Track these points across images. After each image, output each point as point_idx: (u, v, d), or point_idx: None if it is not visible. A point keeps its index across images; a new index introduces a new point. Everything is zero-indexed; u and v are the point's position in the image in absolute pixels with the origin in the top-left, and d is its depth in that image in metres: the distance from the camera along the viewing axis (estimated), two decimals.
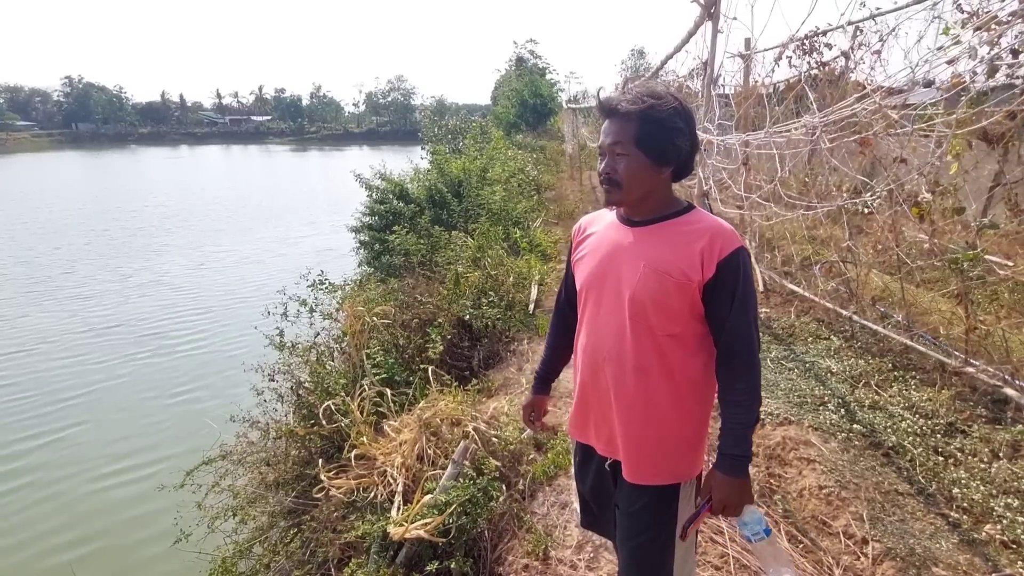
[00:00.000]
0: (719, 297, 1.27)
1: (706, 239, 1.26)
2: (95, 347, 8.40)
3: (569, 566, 2.18)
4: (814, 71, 4.35)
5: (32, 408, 6.61)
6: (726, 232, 1.28)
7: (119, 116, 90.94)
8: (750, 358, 1.28)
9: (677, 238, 1.29)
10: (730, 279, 1.25)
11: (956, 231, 3.76)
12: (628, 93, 1.32)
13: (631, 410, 1.36)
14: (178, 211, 20.08)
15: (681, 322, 1.30)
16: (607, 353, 1.36)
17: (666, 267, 1.27)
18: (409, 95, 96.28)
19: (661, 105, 1.27)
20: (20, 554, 4.54)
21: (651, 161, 1.28)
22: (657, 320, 1.29)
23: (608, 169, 1.31)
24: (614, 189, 1.32)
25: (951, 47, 2.76)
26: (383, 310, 4.64)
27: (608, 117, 1.32)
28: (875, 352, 3.54)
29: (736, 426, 1.28)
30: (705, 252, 1.25)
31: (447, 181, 8.10)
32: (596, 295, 1.39)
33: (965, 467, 2.46)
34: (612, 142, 1.30)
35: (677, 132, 1.28)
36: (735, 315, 1.27)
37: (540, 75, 29.23)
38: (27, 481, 5.38)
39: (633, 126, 1.27)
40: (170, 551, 3.57)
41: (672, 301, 1.28)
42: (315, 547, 3.05)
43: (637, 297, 1.29)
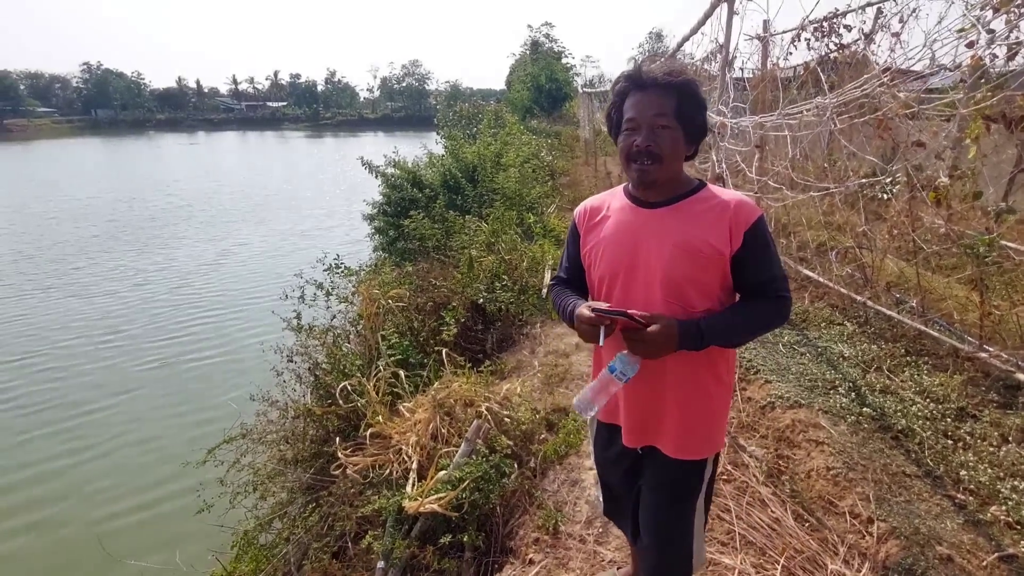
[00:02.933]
0: (751, 264, 1.30)
1: (730, 211, 1.28)
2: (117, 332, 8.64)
3: (578, 540, 2.25)
4: (833, 54, 4.28)
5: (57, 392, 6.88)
6: (746, 202, 1.31)
7: (137, 102, 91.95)
8: (785, 306, 1.33)
9: (702, 215, 1.30)
10: (759, 245, 1.29)
11: (976, 217, 3.72)
12: (658, 67, 1.30)
13: (681, 389, 1.37)
14: (196, 199, 20.21)
15: (714, 297, 1.32)
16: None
17: (697, 244, 1.27)
18: (424, 80, 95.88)
19: (695, 83, 1.29)
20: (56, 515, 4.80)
21: (685, 136, 1.29)
22: (696, 297, 1.30)
23: (648, 142, 1.27)
24: (653, 165, 1.28)
25: (971, 29, 2.72)
26: (398, 293, 4.71)
27: (642, 89, 1.29)
28: (888, 338, 3.53)
29: (724, 321, 1.29)
30: (732, 224, 1.27)
31: (461, 167, 8.13)
32: (623, 282, 1.37)
33: (974, 450, 2.48)
34: (656, 113, 1.26)
35: (705, 111, 1.31)
36: (770, 270, 1.31)
37: (556, 59, 28.93)
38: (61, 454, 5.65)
39: (674, 99, 1.26)
40: (194, 525, 3.72)
41: (707, 276, 1.29)
42: (333, 521, 3.15)
43: (671, 277, 1.29)
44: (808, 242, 4.75)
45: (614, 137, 1.39)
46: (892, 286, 4.03)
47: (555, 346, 4.05)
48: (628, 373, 1.30)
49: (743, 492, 2.37)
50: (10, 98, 78.62)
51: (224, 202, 19.61)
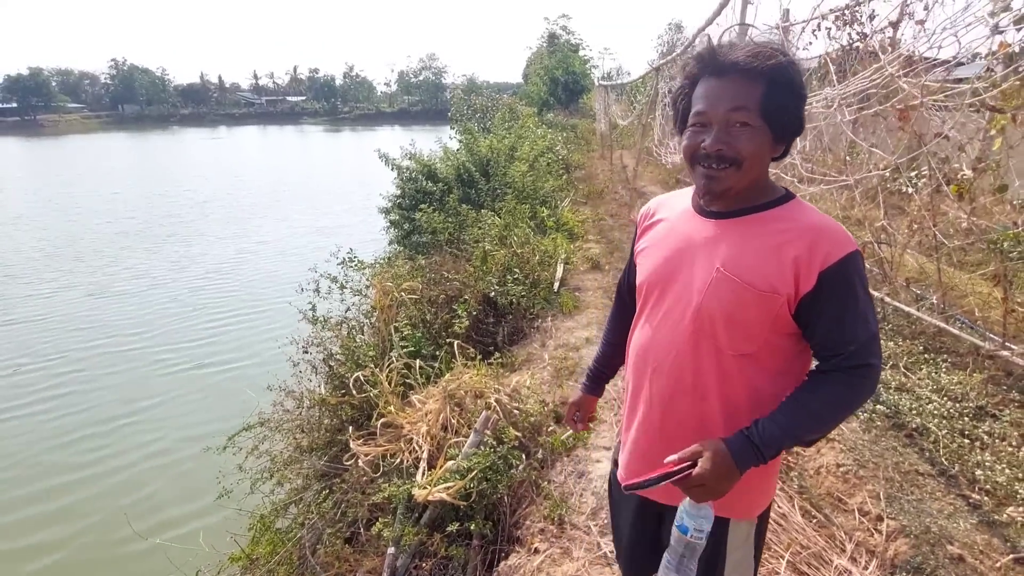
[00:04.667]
0: (825, 313, 1.00)
1: (804, 243, 0.99)
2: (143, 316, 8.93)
3: (583, 531, 2.26)
4: (856, 43, 4.18)
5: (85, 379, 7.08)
6: (831, 233, 0.99)
7: (162, 98, 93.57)
8: (865, 376, 1.01)
9: (765, 238, 1.02)
10: (839, 292, 0.98)
11: (1002, 211, 3.62)
12: (744, 46, 1.02)
13: (678, 433, 1.13)
14: (217, 195, 20.38)
15: (758, 341, 1.05)
16: (656, 366, 1.15)
17: (747, 274, 1.01)
18: (440, 74, 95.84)
19: (794, 65, 1.00)
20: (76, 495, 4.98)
21: (774, 135, 1.01)
22: (727, 338, 1.05)
23: (720, 144, 1.00)
24: (726, 171, 1.01)
25: (1002, 14, 2.63)
26: (411, 286, 4.75)
27: (718, 76, 1.01)
28: (906, 334, 3.46)
29: (783, 425, 1.00)
30: (801, 260, 0.98)
31: (475, 160, 8.14)
32: (657, 297, 1.15)
33: (992, 450, 2.43)
34: (732, 108, 0.99)
35: (803, 100, 1.03)
36: (851, 329, 0.99)
37: (573, 51, 28.67)
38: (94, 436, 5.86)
39: (759, 89, 0.98)
40: (215, 509, 3.83)
41: (749, 316, 1.02)
42: (346, 507, 3.22)
43: (705, 308, 1.05)
44: None
45: (679, 132, 1.11)
46: (912, 282, 3.95)
47: (565, 339, 4.05)
48: (704, 526, 1.04)
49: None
50: (42, 94, 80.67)
51: (244, 197, 19.80)
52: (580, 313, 4.52)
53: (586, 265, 5.69)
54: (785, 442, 1.02)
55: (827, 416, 1.03)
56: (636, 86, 13.79)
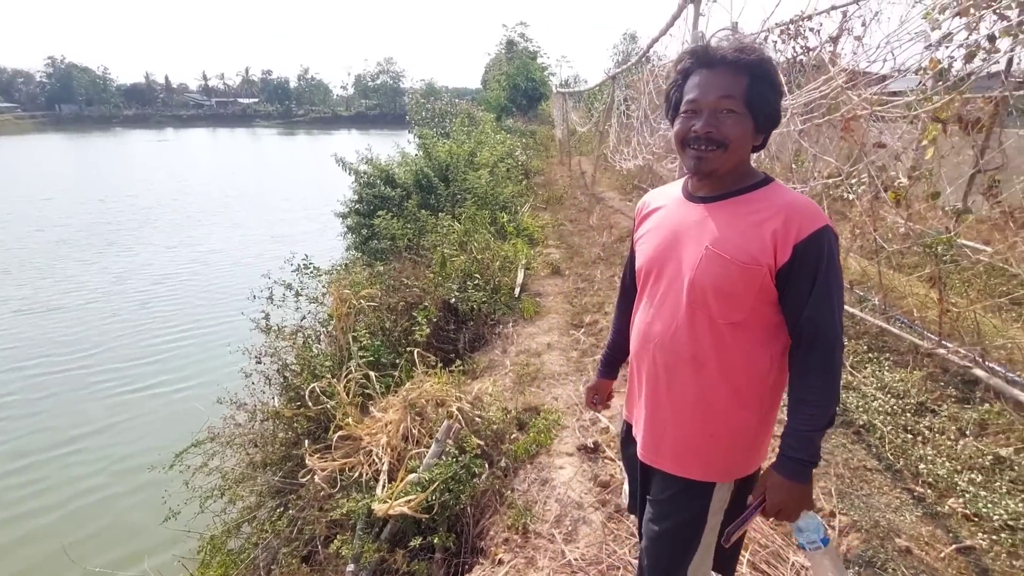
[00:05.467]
0: (796, 284, 1.12)
1: (780, 219, 1.11)
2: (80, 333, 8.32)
3: (547, 539, 2.24)
4: (800, 56, 4.37)
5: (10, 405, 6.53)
6: (805, 209, 1.12)
7: (103, 98, 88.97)
8: (830, 352, 1.13)
9: (747, 216, 1.15)
10: (809, 263, 1.10)
11: (937, 216, 3.83)
12: (731, 43, 1.15)
13: (681, 401, 1.25)
14: (164, 200, 19.35)
15: (745, 309, 1.16)
16: (659, 340, 1.25)
17: (731, 250, 1.13)
18: (399, 78, 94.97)
19: (772, 63, 1.13)
20: (11, 535, 4.58)
21: (755, 124, 1.14)
22: (718, 308, 1.16)
23: (710, 127, 1.12)
24: (714, 152, 1.14)
25: (931, 32, 2.79)
26: (369, 293, 4.65)
27: (709, 67, 1.14)
28: (852, 335, 3.62)
29: (803, 427, 1.14)
30: (779, 233, 1.10)
31: (434, 165, 8.07)
32: (655, 278, 1.27)
33: (932, 444, 2.55)
34: (721, 95, 1.12)
35: (781, 96, 1.16)
36: (814, 303, 1.11)
37: (531, 58, 28.94)
38: (23, 470, 5.39)
39: (744, 80, 1.11)
40: (162, 532, 3.61)
41: (736, 287, 1.14)
42: (302, 525, 3.10)
43: (697, 282, 1.17)
44: None
45: (671, 120, 1.24)
46: (855, 284, 4.14)
47: (527, 345, 4.04)
48: (812, 536, 1.19)
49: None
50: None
51: (193, 203, 18.83)
52: (541, 318, 4.52)
53: (547, 270, 5.71)
54: (814, 436, 1.14)
55: (824, 397, 1.14)
56: (593, 94, 14.03)
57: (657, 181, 7.77)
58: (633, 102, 7.40)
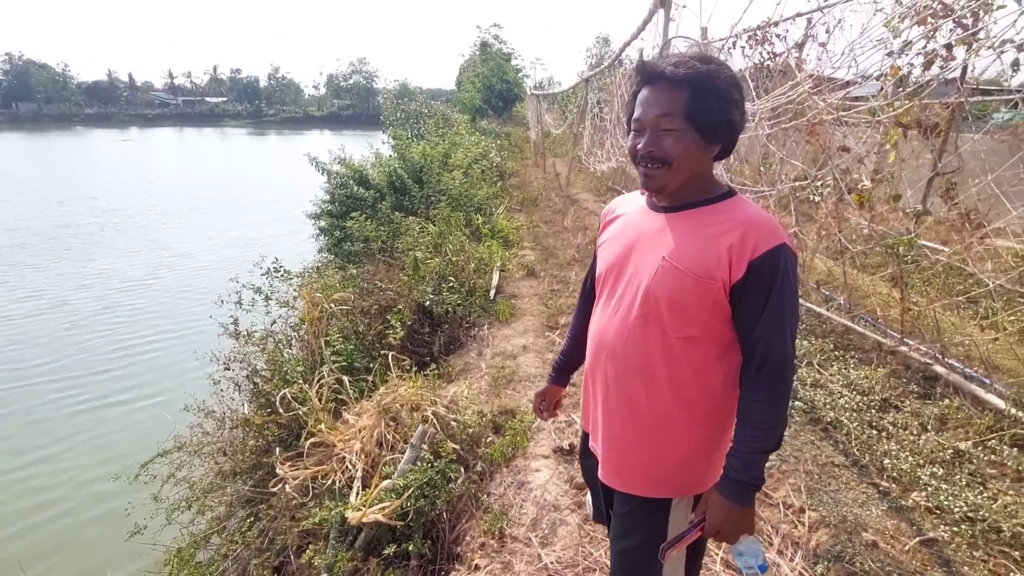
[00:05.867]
0: (748, 301, 1.10)
1: (737, 234, 1.09)
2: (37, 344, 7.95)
3: (524, 543, 2.23)
4: (767, 62, 4.47)
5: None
6: (763, 226, 1.10)
7: (63, 96, 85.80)
8: (779, 373, 1.10)
9: (705, 229, 1.13)
10: (763, 281, 1.08)
11: (898, 218, 3.95)
12: (673, 57, 1.13)
13: (629, 414, 1.24)
14: (128, 202, 18.62)
15: (698, 324, 1.15)
16: (611, 350, 1.24)
17: (687, 262, 1.12)
18: (372, 78, 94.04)
19: (717, 72, 1.10)
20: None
21: (702, 137, 1.12)
22: (671, 320, 1.15)
23: (651, 147, 1.13)
24: (659, 170, 1.14)
25: (892, 40, 2.89)
26: (342, 296, 4.58)
27: (650, 84, 1.13)
28: (818, 333, 3.71)
29: (747, 449, 1.12)
30: (734, 249, 1.08)
31: (408, 167, 8.00)
32: (612, 285, 1.26)
33: (896, 440, 2.62)
34: (659, 114, 1.11)
35: (732, 104, 1.11)
36: (766, 322, 1.09)
37: (505, 60, 28.99)
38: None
39: (683, 95, 1.09)
40: (127, 547, 3.47)
41: (689, 300, 1.12)
42: (274, 535, 3.03)
43: (652, 292, 1.15)
44: None
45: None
46: (821, 284, 4.24)
47: (502, 347, 4.03)
48: (749, 561, 1.16)
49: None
50: None
51: (159, 206, 18.13)
52: (517, 320, 4.52)
53: (522, 272, 5.71)
54: (758, 459, 1.12)
55: (771, 419, 1.11)
56: (567, 96, 14.11)
57: (631, 183, 7.85)
58: (606, 104, 7.47)
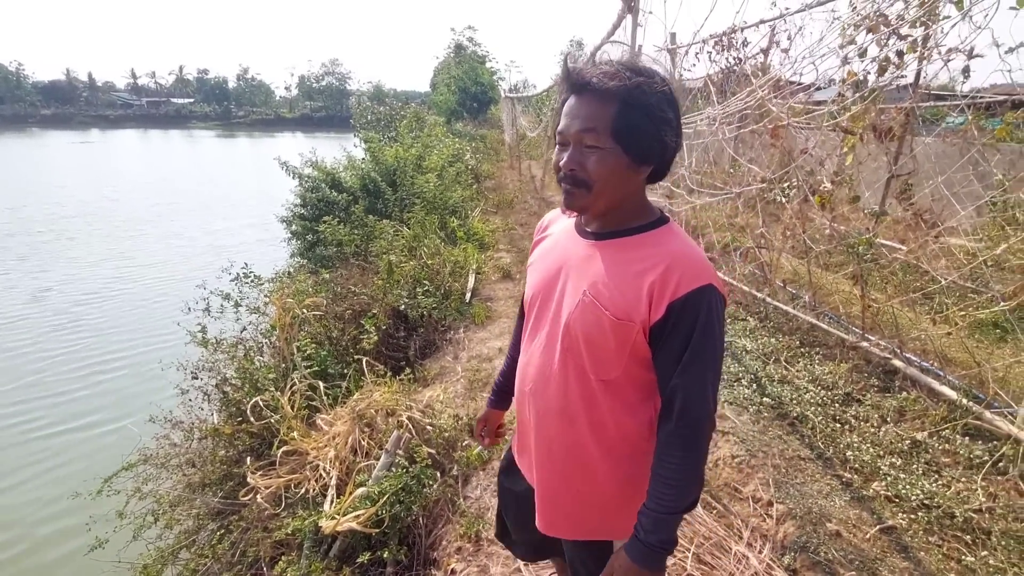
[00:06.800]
0: (667, 345, 0.99)
1: (660, 270, 0.98)
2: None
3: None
4: (733, 67, 4.59)
5: None
6: (689, 264, 0.98)
7: (16, 95, 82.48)
8: (696, 427, 1.00)
9: (629, 264, 1.01)
10: (684, 324, 0.97)
11: (859, 218, 4.09)
12: (604, 64, 1.00)
13: (549, 455, 1.16)
14: (88, 209, 17.74)
15: (618, 367, 1.04)
16: (533, 386, 1.15)
17: (606, 301, 1.00)
18: (345, 80, 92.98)
19: (649, 84, 0.96)
20: None
21: (630, 158, 0.99)
22: (590, 360, 1.05)
23: (572, 164, 1.00)
24: (579, 191, 1.01)
25: (846, 47, 3.00)
26: (314, 302, 4.52)
27: (576, 94, 1.00)
28: (786, 331, 3.82)
29: (659, 508, 1.00)
30: (655, 287, 0.97)
31: (382, 170, 7.95)
32: (537, 315, 1.16)
33: (858, 432, 2.72)
34: (582, 128, 0.98)
35: (664, 123, 0.99)
36: (684, 369, 0.98)
37: (480, 63, 29.02)
38: None
39: (611, 110, 0.96)
40: (89, 565, 3.34)
41: (607, 342, 1.02)
42: (245, 547, 2.97)
43: (572, 327, 1.05)
44: (715, 243, 5.05)
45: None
46: (788, 282, 4.37)
47: (478, 351, 4.03)
48: None
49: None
50: None
51: (123, 211, 17.39)
52: (492, 323, 4.53)
53: (497, 275, 5.73)
54: (670, 520, 1.01)
55: (684, 477, 1.02)
56: (542, 99, 14.19)
57: None
58: None
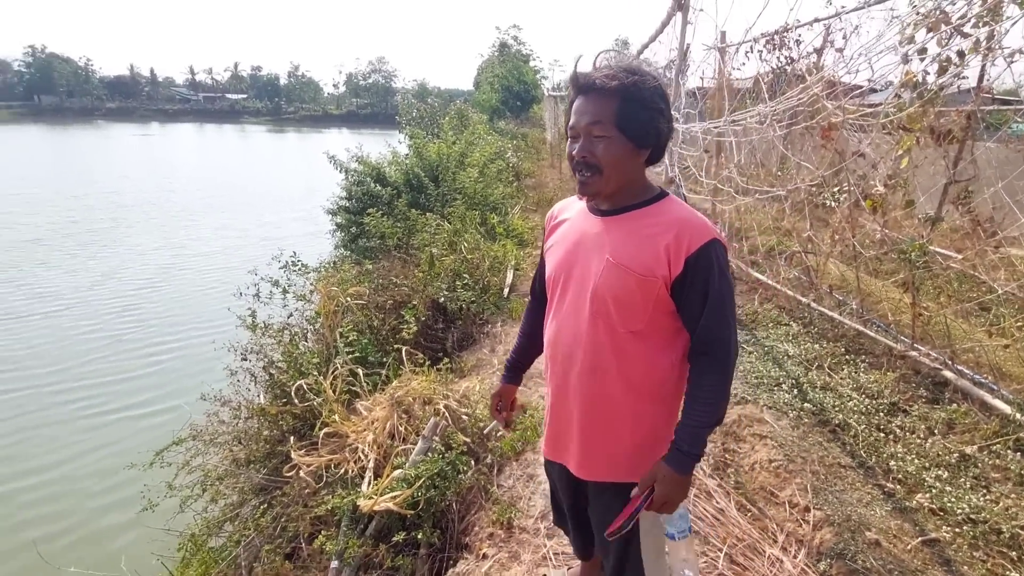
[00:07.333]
0: (689, 294, 1.19)
1: (672, 233, 1.17)
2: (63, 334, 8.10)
3: (531, 534, 2.28)
4: (785, 66, 4.48)
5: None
6: (696, 225, 1.19)
7: (85, 89, 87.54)
8: (724, 357, 1.21)
9: (643, 230, 1.21)
10: (700, 276, 1.17)
11: (912, 224, 3.95)
12: (604, 68, 1.20)
13: (587, 406, 1.32)
14: (149, 197, 18.72)
15: (644, 319, 1.23)
16: (565, 349, 1.32)
17: (629, 262, 1.19)
18: (390, 77, 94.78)
19: (643, 82, 1.17)
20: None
21: (633, 144, 1.19)
22: (619, 316, 1.23)
23: (584, 152, 1.19)
24: (592, 176, 1.20)
25: (908, 46, 2.90)
26: (357, 291, 4.66)
27: (583, 94, 1.20)
28: (830, 337, 3.71)
29: (695, 423, 1.21)
30: (671, 247, 1.17)
31: (425, 165, 8.09)
32: (562, 287, 1.33)
33: (903, 443, 2.64)
34: (590, 122, 1.18)
35: (658, 113, 1.19)
36: (709, 313, 1.19)
37: (523, 62, 29.09)
38: None
39: (613, 104, 1.16)
40: (140, 532, 3.55)
41: (635, 297, 1.21)
42: (286, 522, 3.09)
43: (599, 292, 1.23)
44: (759, 246, 4.95)
45: None
46: (834, 288, 4.25)
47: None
48: (686, 525, 1.29)
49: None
50: None
51: (179, 202, 18.15)
52: None
53: None
54: (704, 432, 1.22)
55: (716, 396, 1.22)
56: None
57: None
58: None
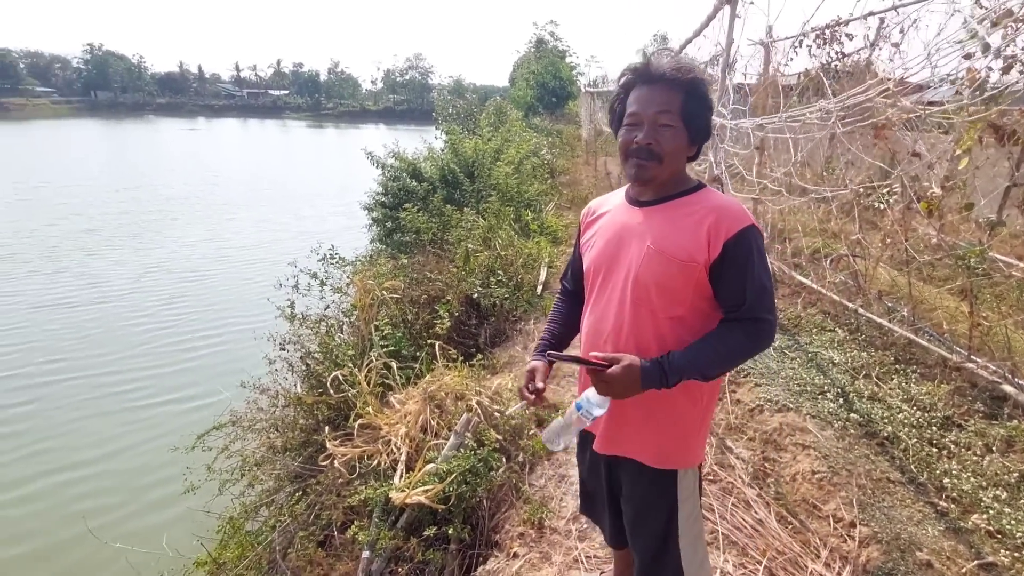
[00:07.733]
0: (728, 275, 1.22)
1: (712, 218, 1.21)
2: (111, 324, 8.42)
3: (563, 535, 2.26)
4: (835, 62, 4.30)
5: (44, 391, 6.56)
6: (733, 210, 1.23)
7: (137, 85, 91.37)
8: (762, 327, 1.23)
9: (683, 218, 1.25)
10: (739, 259, 1.20)
11: (970, 228, 3.74)
12: (669, 62, 1.25)
13: (642, 398, 1.30)
14: (195, 191, 19.40)
15: (685, 304, 1.26)
16: (607, 336, 1.34)
17: (671, 248, 1.23)
18: (427, 74, 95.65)
19: (703, 82, 1.24)
20: (39, 504, 4.76)
21: (689, 137, 1.24)
22: (660, 302, 1.26)
23: (650, 139, 1.22)
24: (651, 163, 1.24)
25: (969, 41, 2.73)
26: (393, 285, 4.71)
27: (649, 84, 1.24)
28: (878, 345, 3.55)
29: (691, 359, 1.21)
30: (711, 232, 1.20)
31: (460, 161, 8.13)
32: (603, 277, 1.36)
33: (958, 459, 2.50)
34: (659, 111, 1.22)
35: (711, 112, 1.26)
36: (752, 289, 1.21)
37: (560, 58, 28.85)
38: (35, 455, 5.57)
39: (680, 97, 1.21)
40: (181, 512, 3.68)
41: (676, 283, 1.24)
42: (320, 510, 3.16)
43: (641, 278, 1.26)
44: (803, 248, 4.77)
45: (615, 131, 1.34)
46: (884, 294, 4.06)
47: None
48: (594, 412, 1.27)
49: (728, 493, 2.39)
50: (9, 76, 77.91)
51: (224, 195, 18.79)
52: None
53: None
54: (689, 372, 1.22)
55: (728, 357, 1.25)
56: None
57: None
58: None
